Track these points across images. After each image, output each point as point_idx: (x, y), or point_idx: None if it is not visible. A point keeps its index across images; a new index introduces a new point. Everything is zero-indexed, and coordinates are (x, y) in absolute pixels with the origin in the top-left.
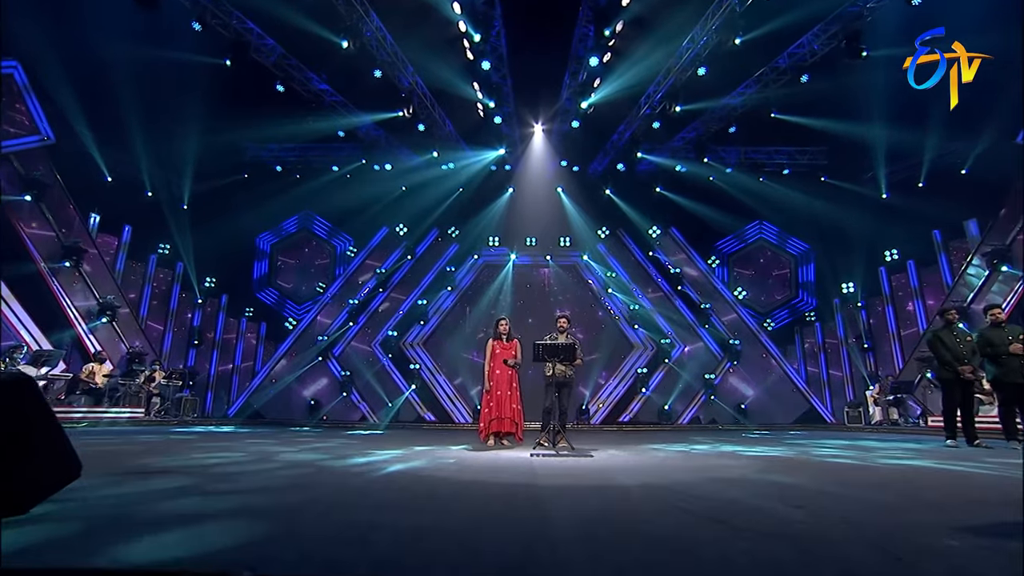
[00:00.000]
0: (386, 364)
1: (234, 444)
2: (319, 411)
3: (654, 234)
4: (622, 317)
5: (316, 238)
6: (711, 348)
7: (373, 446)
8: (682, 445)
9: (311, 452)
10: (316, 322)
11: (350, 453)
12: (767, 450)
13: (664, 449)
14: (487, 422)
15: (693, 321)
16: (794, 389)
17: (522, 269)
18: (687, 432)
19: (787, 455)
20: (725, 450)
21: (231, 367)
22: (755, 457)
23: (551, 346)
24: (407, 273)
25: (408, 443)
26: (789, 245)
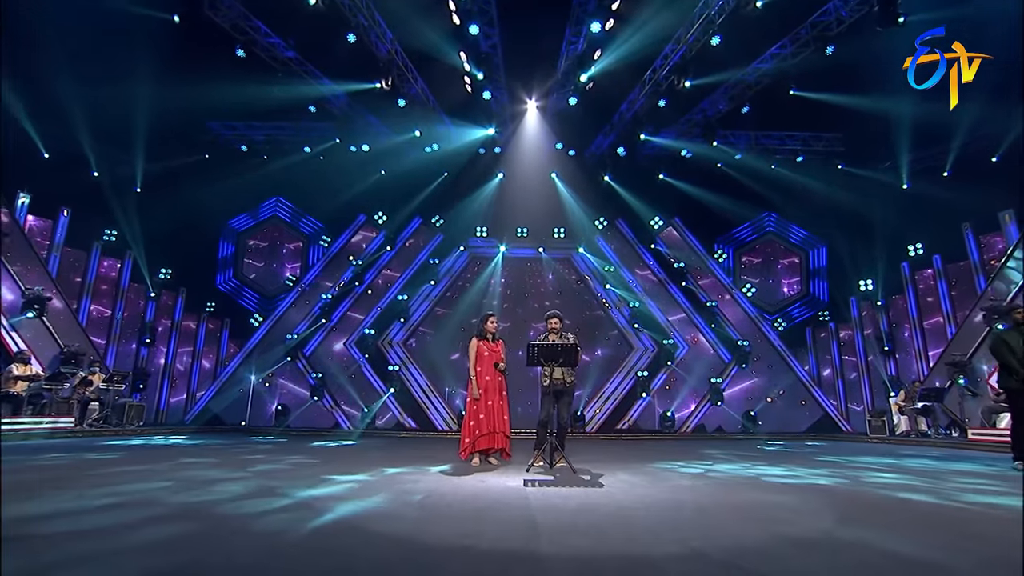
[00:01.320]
0: (362, 365)
1: (156, 468)
2: (286, 418)
3: (656, 225)
4: (621, 315)
5: (286, 226)
6: (717, 349)
7: (332, 468)
8: (700, 464)
9: (251, 478)
10: (285, 319)
11: (296, 482)
12: (807, 474)
13: (683, 471)
14: (473, 437)
15: (698, 320)
16: (807, 395)
17: (512, 262)
18: (694, 443)
19: (841, 485)
20: (757, 473)
21: (189, 368)
22: (806, 489)
23: (550, 348)
24: (386, 265)
25: (376, 462)
26: (800, 239)
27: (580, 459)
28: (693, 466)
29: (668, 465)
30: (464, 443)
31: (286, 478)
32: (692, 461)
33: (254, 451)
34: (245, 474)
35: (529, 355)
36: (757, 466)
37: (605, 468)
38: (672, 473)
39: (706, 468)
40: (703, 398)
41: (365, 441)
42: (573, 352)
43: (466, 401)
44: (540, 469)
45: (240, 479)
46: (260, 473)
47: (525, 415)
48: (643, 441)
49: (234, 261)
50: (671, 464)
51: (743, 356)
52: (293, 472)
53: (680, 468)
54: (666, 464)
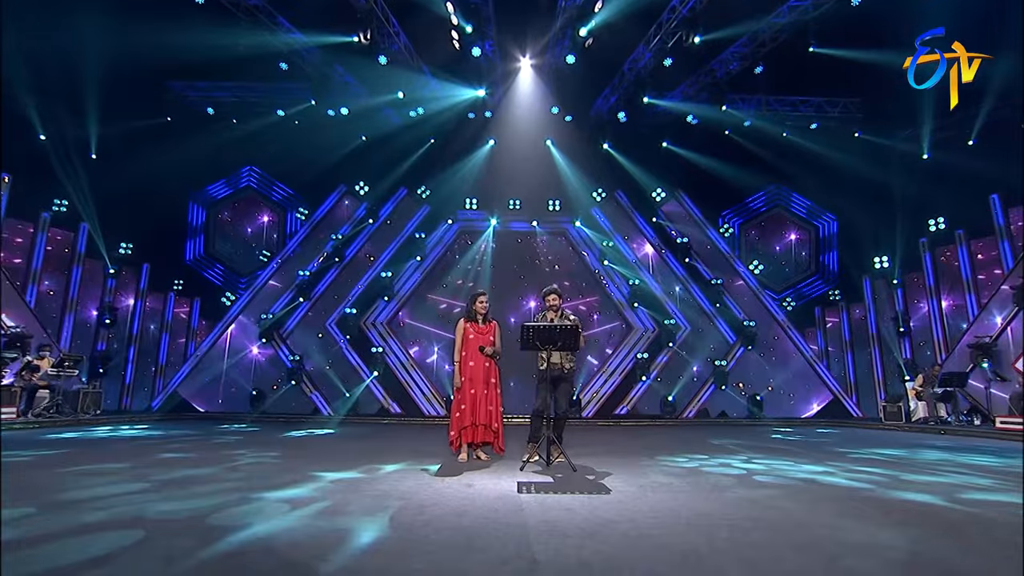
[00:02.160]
0: (343, 347)
1: (93, 466)
2: (262, 403)
3: (658, 197)
4: (620, 294)
5: (260, 198)
6: (722, 330)
7: (301, 463)
8: (715, 459)
9: (180, 489)
10: (260, 297)
11: (253, 484)
12: (845, 470)
13: (702, 470)
14: (459, 429)
15: (702, 299)
16: (816, 378)
17: (504, 237)
18: (699, 430)
19: (908, 497)
20: (783, 469)
21: (155, 351)
22: (868, 502)
23: (547, 329)
24: (369, 240)
25: (351, 457)
26: (811, 213)
27: (579, 452)
28: (707, 461)
29: (678, 460)
30: (452, 436)
31: (231, 485)
32: (704, 454)
33: (220, 443)
34: (206, 473)
35: (523, 337)
36: (776, 462)
37: (608, 464)
38: (687, 472)
39: (720, 464)
40: (706, 382)
41: (345, 429)
42: (573, 334)
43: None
44: (536, 466)
45: (164, 490)
46: (216, 479)
47: (520, 400)
48: (644, 428)
49: (205, 235)
50: (681, 459)
51: (749, 337)
52: (251, 471)
53: (693, 464)
54: (676, 459)
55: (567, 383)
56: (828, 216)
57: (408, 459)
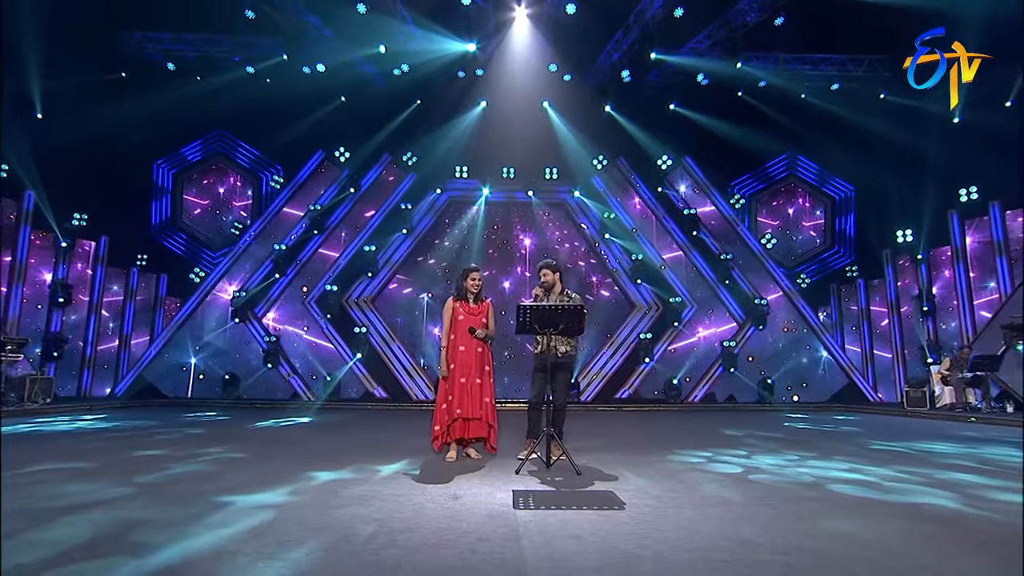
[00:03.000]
0: (324, 327)
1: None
2: (236, 388)
3: (664, 165)
4: (622, 270)
5: (231, 165)
6: (731, 309)
7: (255, 471)
8: (732, 456)
9: (101, 509)
10: (232, 273)
11: (182, 496)
12: (885, 478)
13: (718, 470)
14: (444, 424)
15: (710, 275)
16: (830, 360)
17: (497, 208)
18: (708, 417)
19: (966, 510)
20: (816, 476)
21: (118, 332)
22: (947, 522)
23: (546, 311)
24: (350, 211)
25: (323, 456)
26: (827, 183)
27: (580, 445)
28: (726, 458)
29: (693, 458)
30: (434, 431)
31: (166, 500)
32: (720, 450)
33: (167, 441)
34: (110, 494)
35: (519, 320)
36: (806, 461)
37: (615, 462)
38: (706, 475)
39: (744, 463)
40: (714, 364)
41: (324, 417)
42: (577, 316)
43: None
44: (534, 465)
45: (86, 509)
46: (117, 501)
47: (513, 386)
48: (647, 414)
49: (171, 205)
50: (696, 456)
51: (760, 316)
52: (191, 484)
53: (711, 464)
54: (690, 456)
55: (566, 371)
56: (846, 186)
57: (387, 457)
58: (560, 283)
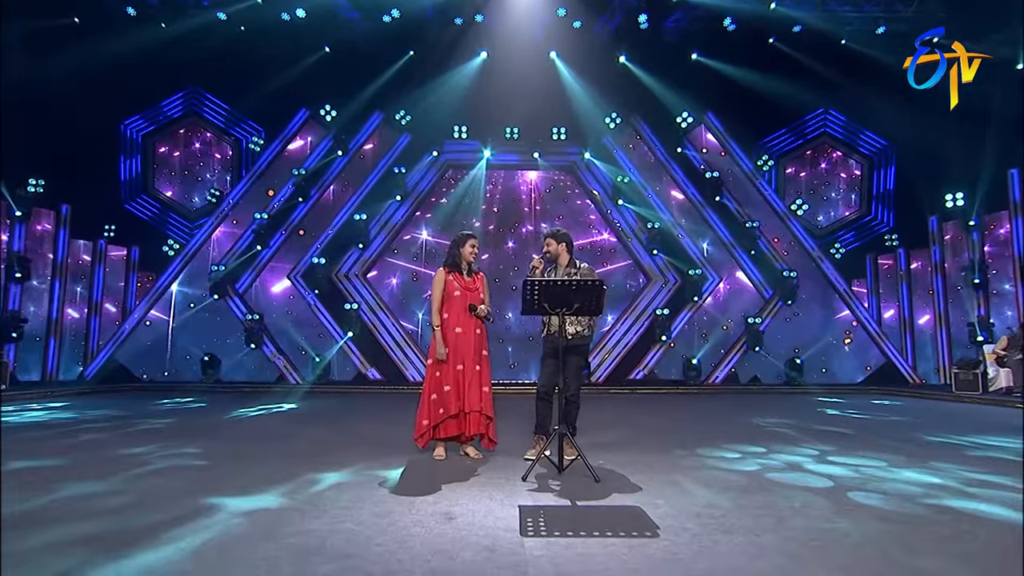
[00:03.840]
0: (311, 303)
1: None
2: (216, 370)
3: (685, 123)
4: (636, 239)
5: (206, 125)
6: (757, 281)
7: (217, 470)
8: (777, 453)
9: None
10: (210, 244)
11: (97, 528)
12: (976, 482)
13: (770, 481)
14: (434, 418)
15: (734, 244)
16: (866, 338)
17: (499, 171)
18: (731, 400)
19: None
20: (888, 482)
21: (86, 310)
22: None
23: (559, 287)
24: (338, 176)
25: (293, 458)
26: (865, 141)
27: (594, 439)
28: (766, 459)
29: (727, 456)
30: (421, 425)
31: (48, 523)
32: (756, 445)
33: (116, 437)
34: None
35: (526, 297)
36: (872, 461)
37: (637, 463)
38: (749, 482)
39: (790, 465)
40: (737, 342)
41: (310, 403)
42: (595, 294)
43: (427, 364)
44: (543, 467)
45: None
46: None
47: (521, 366)
48: (665, 397)
49: (143, 172)
50: (730, 454)
51: (789, 290)
52: (99, 506)
53: (750, 465)
54: (723, 453)
55: (578, 355)
56: (887, 144)
57: (372, 457)
58: (569, 254)
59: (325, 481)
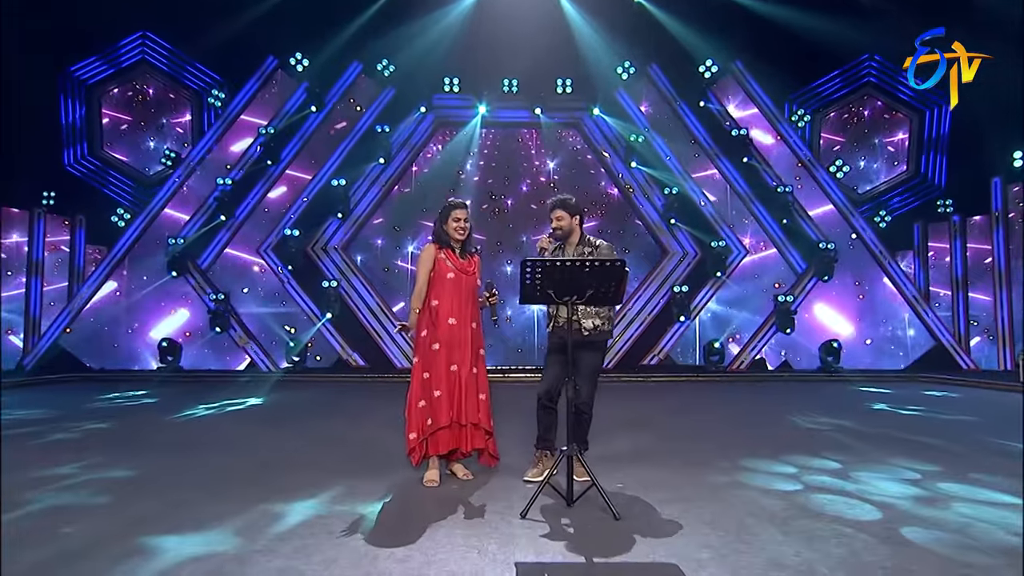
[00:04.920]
0: (285, 280)
1: None
2: (175, 357)
3: (709, 73)
4: (651, 206)
5: (160, 76)
6: (789, 255)
7: (145, 503)
8: (837, 473)
9: None
10: (166, 214)
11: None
12: None
13: (836, 516)
14: (423, 430)
15: (763, 213)
16: (914, 318)
17: (496, 130)
18: (760, 390)
19: None
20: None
21: (22, 290)
22: None
23: (568, 269)
24: (313, 135)
25: (246, 475)
26: (917, 92)
27: (606, 446)
28: (824, 478)
29: (774, 473)
30: (410, 440)
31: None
32: (805, 456)
33: (39, 450)
34: None
35: (525, 282)
36: (970, 489)
37: (665, 485)
38: (811, 516)
39: (861, 493)
40: (765, 322)
41: (281, 395)
42: (615, 276)
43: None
44: (548, 497)
45: None
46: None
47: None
48: (683, 386)
49: (87, 129)
50: (777, 468)
51: (825, 264)
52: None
53: (805, 488)
54: (768, 467)
55: (594, 353)
56: (938, 96)
57: (340, 477)
58: (580, 229)
59: (282, 520)
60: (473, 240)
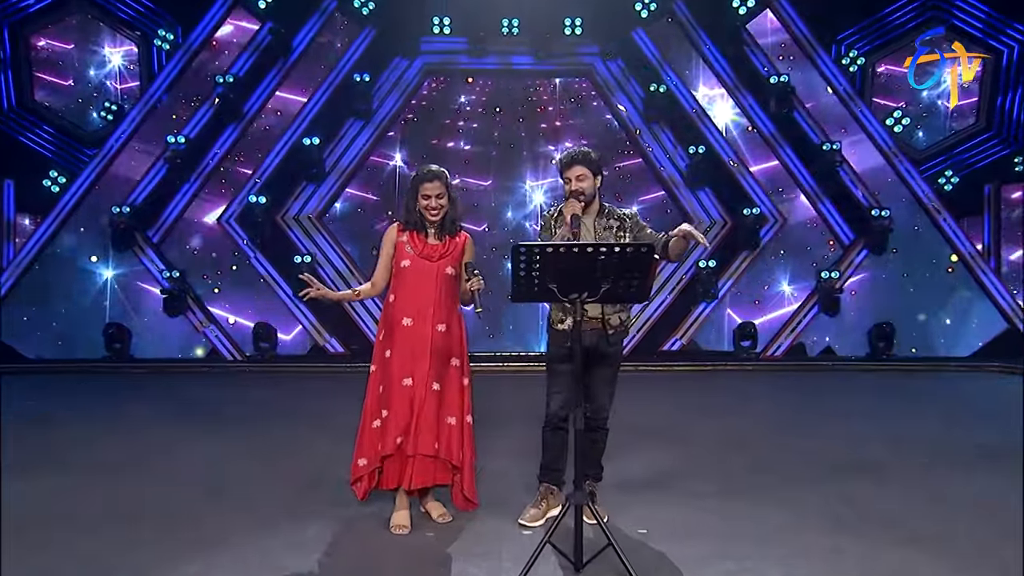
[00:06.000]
0: (250, 255)
1: None
2: (123, 344)
3: (744, 9)
4: (674, 168)
5: (99, 15)
6: (834, 223)
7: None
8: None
9: None
10: (109, 177)
11: None
12: None
13: None
14: (374, 457)
15: (804, 175)
16: (982, 296)
17: (494, 79)
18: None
19: None
20: None
21: None
22: None
23: (577, 256)
24: (280, 86)
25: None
26: (989, 28)
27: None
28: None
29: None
30: (357, 467)
31: None
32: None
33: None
34: None
35: (518, 273)
36: None
37: (710, 531)
38: None
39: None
40: (806, 302)
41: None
42: (642, 265)
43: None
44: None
45: None
46: None
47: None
48: (711, 376)
49: (13, 76)
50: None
51: (878, 234)
52: None
53: None
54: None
55: (611, 363)
56: (1014, 32)
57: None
58: (599, 198)
59: None
60: (459, 212)
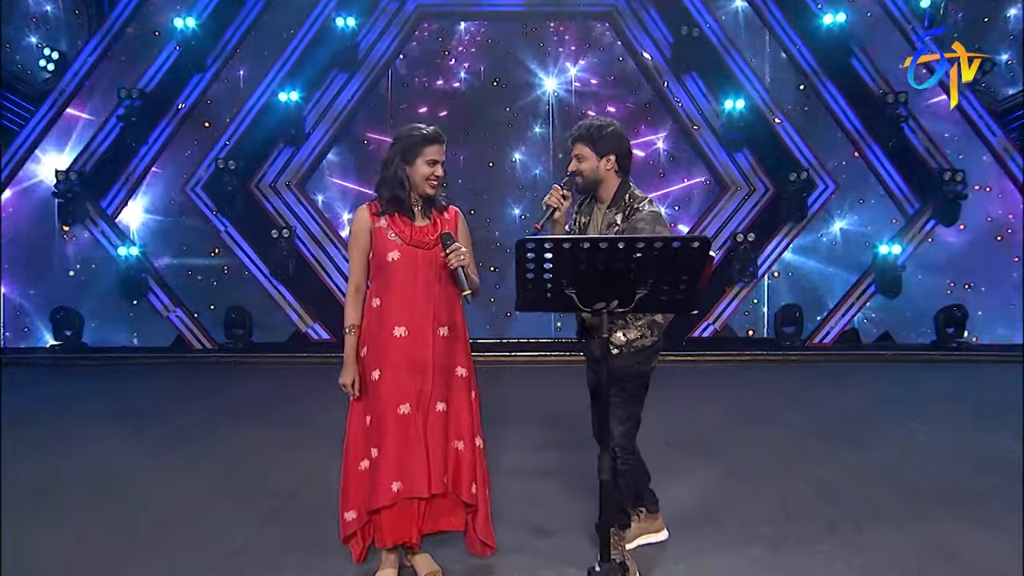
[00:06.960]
0: (220, 228)
1: None
2: (74, 331)
3: None
4: (707, 126)
5: None
6: (896, 190)
7: None
8: None
9: None
10: (54, 138)
11: None
12: None
13: None
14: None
15: (861, 132)
16: None
17: (498, 24)
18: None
19: None
20: None
21: None
22: None
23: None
24: (249, 32)
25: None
26: None
27: None
28: None
29: None
30: (346, 523)
31: None
32: None
33: None
34: None
35: (525, 275)
36: None
37: None
38: None
39: None
40: (860, 281)
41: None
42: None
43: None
44: None
45: None
46: None
47: None
48: (749, 370)
49: None
50: None
51: (949, 202)
52: None
53: None
54: None
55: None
56: None
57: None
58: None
59: None
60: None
